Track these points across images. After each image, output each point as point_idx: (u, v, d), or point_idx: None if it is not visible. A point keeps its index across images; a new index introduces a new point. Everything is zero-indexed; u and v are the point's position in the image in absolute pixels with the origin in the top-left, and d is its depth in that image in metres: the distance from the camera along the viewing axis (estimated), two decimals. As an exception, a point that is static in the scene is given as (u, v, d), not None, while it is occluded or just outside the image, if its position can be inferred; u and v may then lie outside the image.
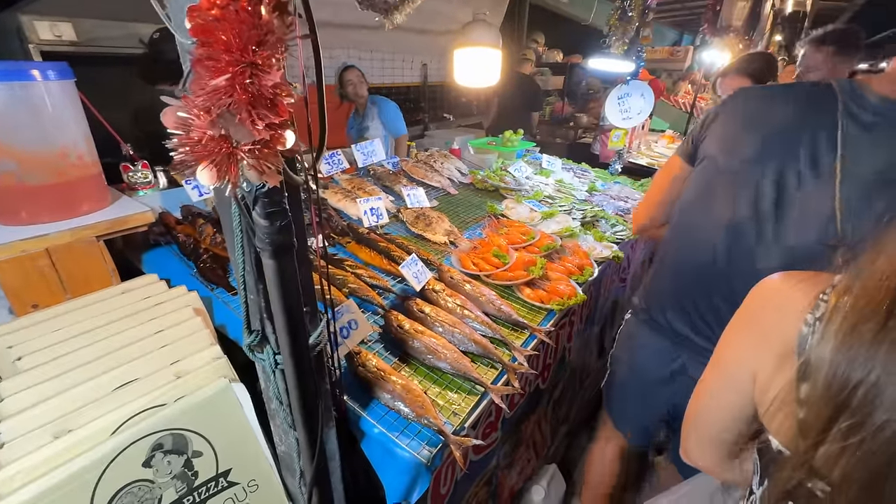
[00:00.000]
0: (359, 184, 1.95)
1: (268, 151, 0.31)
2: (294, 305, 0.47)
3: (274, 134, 0.30)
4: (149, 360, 0.90)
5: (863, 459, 0.28)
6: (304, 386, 0.54)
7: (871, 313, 0.31)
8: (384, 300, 1.29)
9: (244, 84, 0.30)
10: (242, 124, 0.29)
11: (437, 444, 0.90)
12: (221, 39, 0.29)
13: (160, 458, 0.75)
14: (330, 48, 3.74)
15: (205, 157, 0.29)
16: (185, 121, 0.29)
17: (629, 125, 2.51)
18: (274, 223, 0.41)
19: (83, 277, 1.11)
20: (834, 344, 0.32)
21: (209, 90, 0.29)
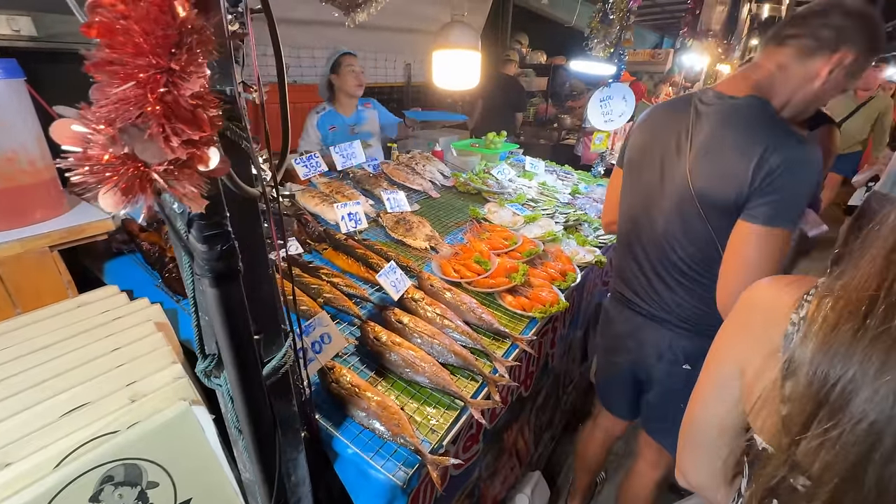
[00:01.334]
0: (337, 187, 1.89)
1: (187, 172, 0.26)
2: (242, 335, 0.43)
3: (193, 152, 0.26)
4: (102, 381, 0.83)
5: (841, 452, 0.30)
6: (257, 419, 0.50)
7: (850, 315, 0.33)
8: (362, 310, 1.24)
9: (157, 94, 0.25)
10: (153, 141, 0.24)
11: (413, 465, 0.86)
12: (129, 41, 0.25)
13: (110, 492, 0.69)
14: (311, 48, 3.66)
15: (108, 178, 0.25)
16: (83, 136, 0.24)
17: (611, 128, 2.51)
18: (213, 248, 0.36)
19: (34, 291, 1.04)
20: (815, 343, 0.34)
21: (113, 100, 0.25)
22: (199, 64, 0.26)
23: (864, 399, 0.29)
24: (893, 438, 0.27)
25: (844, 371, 0.31)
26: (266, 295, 0.62)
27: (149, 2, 0.25)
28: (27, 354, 0.90)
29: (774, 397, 0.37)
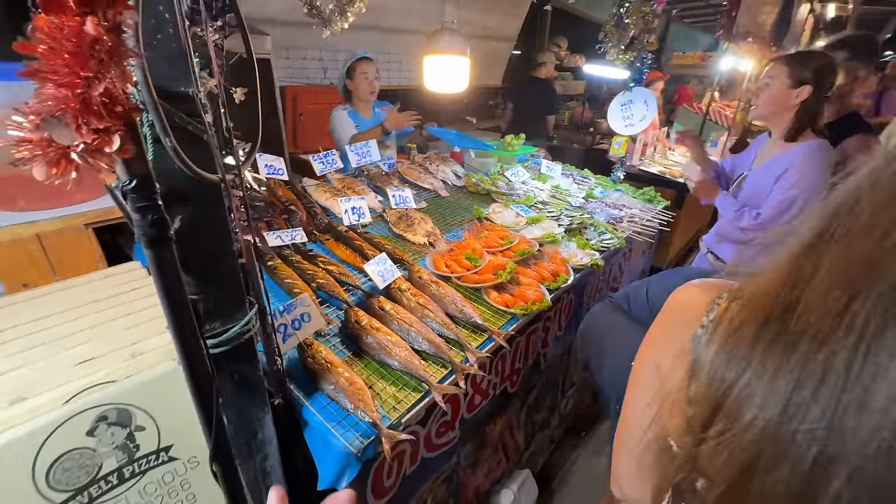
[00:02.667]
0: (349, 183, 2.00)
1: (98, 153, 0.35)
2: (175, 294, 0.52)
3: (100, 138, 0.35)
4: (111, 340, 0.97)
5: (731, 457, 0.29)
6: (193, 367, 0.59)
7: (750, 319, 0.33)
8: (351, 297, 1.34)
9: (75, 94, 0.34)
10: (67, 128, 0.33)
11: (370, 436, 0.94)
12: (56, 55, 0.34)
13: (104, 429, 0.81)
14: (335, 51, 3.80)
15: (38, 156, 0.34)
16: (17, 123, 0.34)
17: (630, 132, 2.47)
18: (145, 217, 0.45)
19: (71, 262, 1.21)
20: (717, 345, 0.34)
21: (43, 98, 0.34)
22: (108, 70, 0.35)
23: (755, 405, 0.29)
24: (778, 448, 0.27)
25: (740, 375, 0.31)
26: (228, 269, 0.71)
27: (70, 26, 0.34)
28: (57, 314, 1.06)
29: (682, 398, 0.37)
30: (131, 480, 0.85)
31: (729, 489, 0.30)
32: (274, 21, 3.06)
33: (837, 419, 0.25)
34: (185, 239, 0.57)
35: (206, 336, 0.69)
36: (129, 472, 0.84)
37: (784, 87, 1.55)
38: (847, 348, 0.25)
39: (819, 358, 0.26)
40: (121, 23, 0.36)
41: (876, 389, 0.24)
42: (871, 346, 0.24)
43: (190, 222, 0.60)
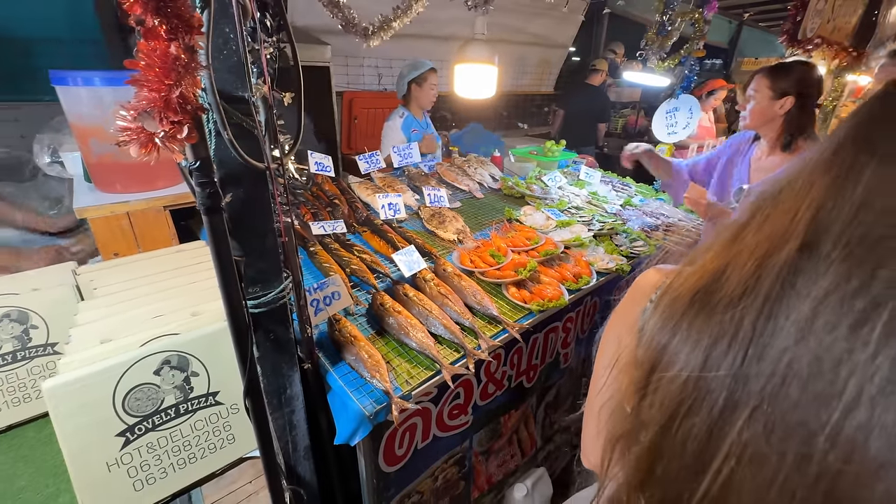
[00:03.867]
0: (390, 182, 2.16)
1: (172, 139, 0.49)
2: (224, 254, 0.66)
3: (175, 128, 0.48)
4: (178, 302, 1.17)
5: (663, 404, 0.35)
6: (235, 315, 0.73)
7: (684, 292, 0.38)
8: (380, 283, 1.47)
9: (160, 97, 0.48)
10: (154, 120, 0.47)
11: (382, 402, 1.05)
12: (152, 71, 0.48)
13: (167, 371, 0.99)
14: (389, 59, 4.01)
15: (134, 140, 0.48)
16: (123, 117, 0.48)
17: (673, 140, 2.43)
18: (204, 190, 0.59)
19: (151, 237, 1.44)
20: (657, 315, 0.39)
21: (140, 99, 0.48)
22: (183, 79, 0.49)
23: (682, 360, 0.34)
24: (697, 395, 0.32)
25: (673, 337, 0.36)
26: (270, 244, 0.86)
27: (160, 48, 0.48)
28: (139, 278, 1.28)
29: (631, 363, 0.42)
30: (185, 416, 1.02)
31: (659, 431, 0.35)
32: (334, 31, 3.32)
33: (743, 369, 0.30)
34: (235, 213, 0.71)
35: (247, 297, 0.83)
36: (183, 408, 1.02)
37: (767, 99, 1.57)
38: (755, 310, 0.30)
39: (734, 319, 0.32)
40: (194, 45, 0.50)
41: (773, 344, 0.29)
42: (773, 308, 0.29)
43: (240, 200, 0.74)
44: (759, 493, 0.27)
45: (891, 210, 0.27)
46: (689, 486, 0.31)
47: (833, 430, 0.25)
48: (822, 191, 0.30)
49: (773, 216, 0.33)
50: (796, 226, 0.30)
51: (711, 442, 0.30)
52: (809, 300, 0.28)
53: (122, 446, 0.95)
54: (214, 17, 0.61)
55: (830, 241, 0.28)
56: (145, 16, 0.46)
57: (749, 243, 0.34)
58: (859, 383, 0.25)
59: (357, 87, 4.05)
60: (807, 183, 0.32)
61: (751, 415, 0.28)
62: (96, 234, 1.36)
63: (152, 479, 0.99)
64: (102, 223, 1.36)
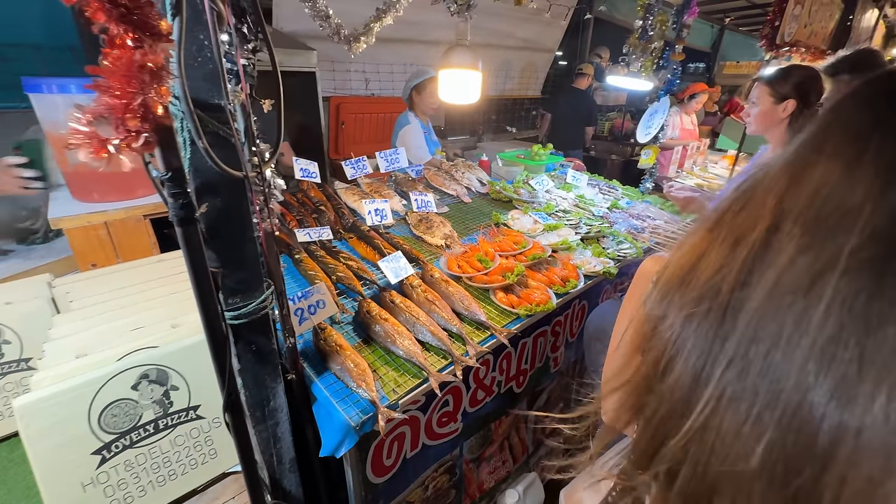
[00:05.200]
0: (377, 187, 2.14)
1: (127, 148, 0.47)
2: (199, 265, 0.64)
3: (129, 137, 0.47)
4: (158, 313, 1.14)
5: (653, 358, 0.42)
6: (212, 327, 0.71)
7: (675, 273, 0.44)
8: (366, 290, 1.45)
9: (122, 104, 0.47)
10: (109, 126, 0.46)
11: (368, 413, 1.03)
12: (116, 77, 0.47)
13: (145, 385, 0.97)
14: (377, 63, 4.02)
15: (86, 144, 0.47)
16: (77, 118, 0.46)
17: (644, 140, 2.47)
18: (177, 201, 0.58)
19: (130, 247, 1.41)
20: (654, 294, 0.46)
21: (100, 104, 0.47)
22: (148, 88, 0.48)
23: (668, 326, 0.41)
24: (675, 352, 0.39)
25: (665, 310, 0.43)
26: (249, 253, 0.84)
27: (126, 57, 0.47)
28: (117, 289, 1.25)
29: (638, 332, 0.49)
30: (164, 431, 0.99)
31: (646, 378, 0.42)
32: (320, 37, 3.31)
33: (722, 327, 0.36)
34: (211, 223, 0.70)
35: (227, 309, 0.81)
36: (163, 423, 0.99)
37: (770, 104, 1.63)
38: (731, 279, 0.36)
39: (713, 287, 0.38)
40: (161, 53, 0.49)
41: (746, 307, 0.34)
42: (746, 277, 0.35)
43: (217, 210, 0.73)
44: (735, 428, 0.32)
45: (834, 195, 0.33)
46: (675, 426, 0.37)
47: (799, 375, 0.30)
48: (784, 184, 0.37)
49: (747, 205, 0.40)
50: (765, 211, 0.37)
51: (696, 389, 0.36)
52: (774, 268, 0.34)
53: (99, 465, 0.92)
54: (187, 24, 0.59)
55: (791, 221, 0.34)
56: (109, 23, 0.45)
57: (726, 227, 0.40)
58: (814, 335, 0.30)
59: (344, 91, 4.04)
60: (774, 178, 0.38)
61: (728, 364, 0.34)
62: (73, 244, 1.32)
63: (130, 497, 0.96)
64: (79, 233, 1.33)
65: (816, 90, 1.56)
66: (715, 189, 3.37)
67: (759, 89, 1.62)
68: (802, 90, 1.55)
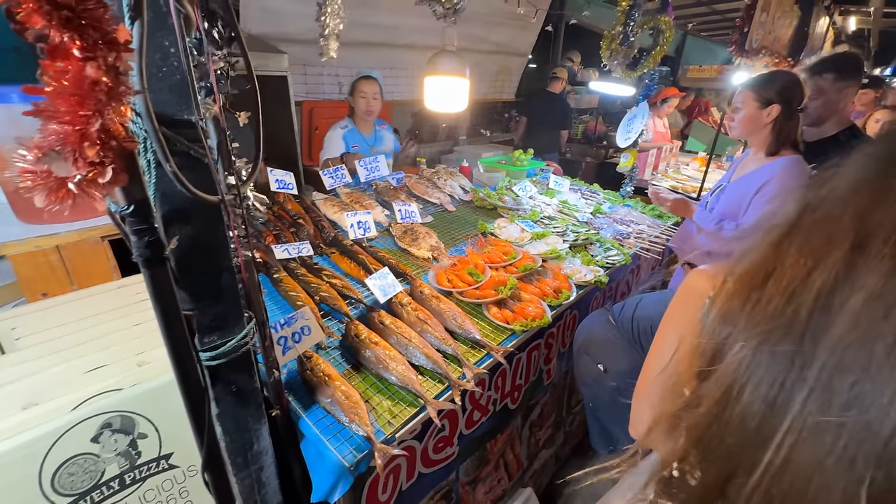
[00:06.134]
0: (357, 198, 2.05)
1: (92, 184, 0.38)
2: (170, 311, 0.55)
3: (95, 170, 0.38)
4: (120, 349, 1.02)
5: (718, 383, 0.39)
6: (186, 379, 0.61)
7: (740, 289, 0.42)
8: (353, 310, 1.36)
9: (75, 131, 0.38)
10: (66, 162, 0.37)
11: (363, 450, 0.95)
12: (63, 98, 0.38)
13: (108, 436, 0.85)
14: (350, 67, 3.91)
15: (40, 185, 0.37)
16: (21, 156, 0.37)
17: (626, 143, 2.48)
18: (142, 239, 0.49)
19: (87, 272, 1.27)
20: (716, 311, 0.44)
21: (46, 134, 0.37)
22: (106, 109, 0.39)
23: (737, 349, 0.38)
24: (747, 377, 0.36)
25: (731, 330, 0.40)
26: (227, 284, 0.74)
27: (73, 70, 0.38)
28: (72, 322, 1.11)
29: (692, 352, 0.46)
30: (132, 486, 0.88)
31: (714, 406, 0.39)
32: (292, 39, 3.18)
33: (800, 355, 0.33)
34: (182, 257, 0.60)
35: (203, 349, 0.71)
36: (130, 478, 0.87)
37: (754, 109, 1.66)
38: (809, 302, 0.34)
39: (789, 310, 0.35)
40: (119, 65, 0.40)
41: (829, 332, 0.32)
42: (827, 300, 0.33)
43: (189, 240, 0.63)
44: (818, 462, 0.30)
45: None
46: (748, 459, 0.34)
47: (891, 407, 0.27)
48: (866, 199, 0.34)
49: (820, 222, 0.37)
50: (843, 228, 0.34)
51: (771, 419, 0.33)
52: (862, 292, 0.31)
53: (55, 530, 0.80)
54: (148, 29, 0.50)
55: (881, 241, 0.31)
56: (49, 30, 0.36)
57: (797, 243, 0.38)
58: None
59: (317, 96, 3.91)
60: (849, 193, 0.36)
61: (809, 394, 0.31)
62: (19, 272, 1.17)
63: (95, 562, 0.84)
64: (26, 259, 1.18)
65: (798, 95, 1.60)
66: (689, 191, 3.44)
67: (744, 94, 1.64)
68: (786, 95, 1.57)
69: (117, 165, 0.40)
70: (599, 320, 1.44)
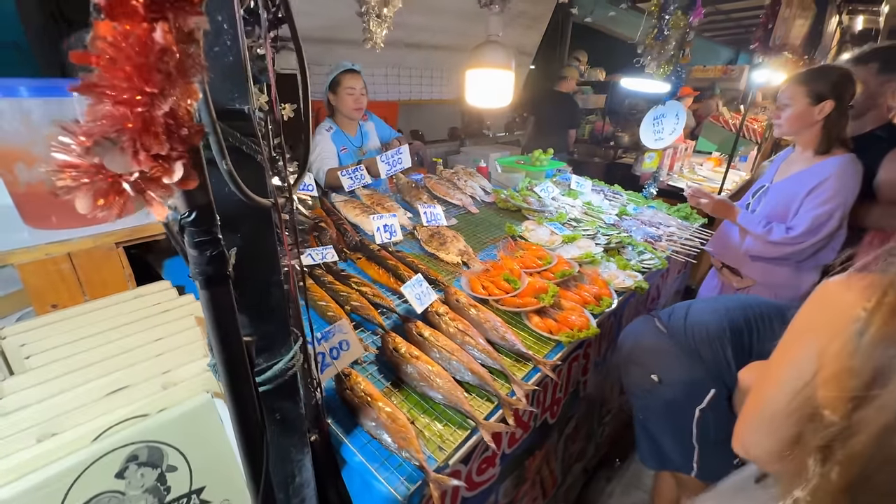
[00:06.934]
0: (378, 199, 1.96)
1: (154, 183, 0.29)
2: (234, 342, 0.45)
3: (160, 166, 0.29)
4: (143, 367, 0.92)
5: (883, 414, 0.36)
6: (245, 419, 0.52)
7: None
8: (386, 321, 1.27)
9: (136, 114, 0.28)
10: (122, 153, 0.27)
11: (416, 481, 0.86)
12: (121, 71, 0.28)
13: (134, 470, 0.75)
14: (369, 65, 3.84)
15: (84, 185, 0.28)
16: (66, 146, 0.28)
17: (660, 146, 2.39)
18: (203, 253, 0.39)
19: (101, 281, 1.17)
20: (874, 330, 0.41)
21: (97, 117, 0.28)
22: (175, 87, 0.29)
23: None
24: None
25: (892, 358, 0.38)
26: (275, 300, 0.65)
27: (137, 34, 0.28)
28: (87, 337, 1.01)
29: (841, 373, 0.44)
30: (161, 527, 0.78)
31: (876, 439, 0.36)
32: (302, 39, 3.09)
33: None
34: (239, 272, 0.51)
35: (250, 375, 0.62)
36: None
37: (805, 105, 1.57)
38: None
39: None
40: (193, 31, 0.31)
41: None
42: None
43: (240, 254, 0.54)
44: None
45: None
46: None
47: None
48: None
49: None
50: None
51: None
52: None
53: (74, 575, 0.70)
54: None
55: None
56: (109, -23, 0.26)
57: None
58: None
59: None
60: None
61: None
62: (27, 282, 1.07)
63: None
64: (35, 269, 1.08)
65: (851, 91, 1.51)
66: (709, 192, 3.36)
67: (793, 90, 1.55)
68: (839, 91, 1.49)
69: (187, 161, 0.31)
70: (647, 328, 1.35)
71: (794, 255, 1.66)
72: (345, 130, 2.39)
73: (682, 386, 1.17)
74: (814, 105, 1.52)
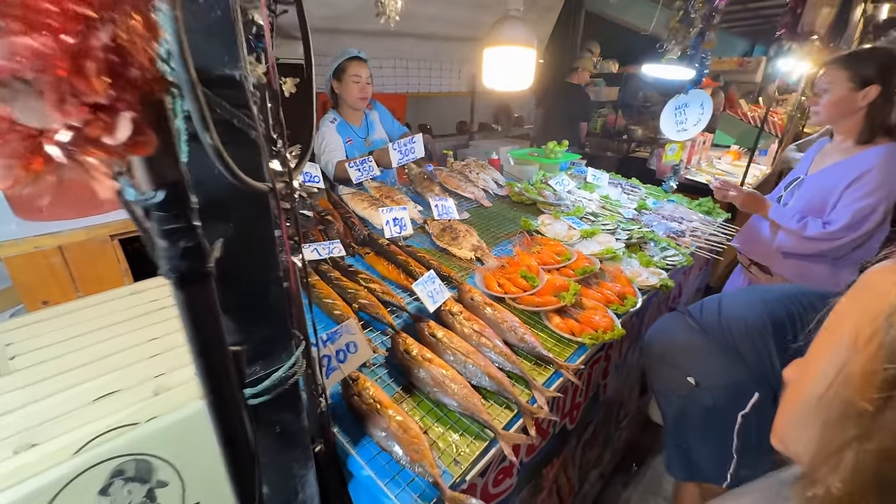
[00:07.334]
0: (387, 192, 1.87)
1: (93, 144, 0.21)
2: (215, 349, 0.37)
3: (98, 119, 0.21)
4: (135, 370, 0.85)
5: None
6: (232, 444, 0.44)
7: None
8: (396, 320, 1.19)
9: (63, 45, 0.20)
10: (37, 100, 0.19)
11: (430, 499, 0.78)
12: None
13: (119, 487, 0.68)
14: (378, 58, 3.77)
15: None
16: (-36, 96, 0.20)
17: (684, 137, 2.27)
18: (175, 244, 0.31)
19: (95, 276, 1.10)
20: None
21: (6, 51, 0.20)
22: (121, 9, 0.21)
23: None
24: None
25: None
26: (274, 299, 0.57)
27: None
28: (77, 337, 0.94)
29: (879, 362, 0.41)
30: (150, 548, 0.71)
31: None
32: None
33: None
34: (224, 270, 0.43)
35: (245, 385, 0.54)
36: (147, 537, 0.71)
37: (847, 91, 1.44)
38: None
39: None
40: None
41: None
42: None
43: (230, 246, 0.46)
44: None
45: None
46: None
47: None
48: None
49: None
50: None
51: None
52: None
53: None
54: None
55: None
56: None
57: None
58: None
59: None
60: None
61: None
62: (15, 277, 1.01)
63: None
64: (24, 262, 1.01)
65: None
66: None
67: (834, 74, 1.43)
68: (887, 74, 1.37)
69: (139, 115, 0.22)
70: (677, 325, 1.26)
71: (831, 251, 1.55)
72: (349, 121, 2.29)
73: (723, 389, 1.07)
74: (857, 90, 1.40)
